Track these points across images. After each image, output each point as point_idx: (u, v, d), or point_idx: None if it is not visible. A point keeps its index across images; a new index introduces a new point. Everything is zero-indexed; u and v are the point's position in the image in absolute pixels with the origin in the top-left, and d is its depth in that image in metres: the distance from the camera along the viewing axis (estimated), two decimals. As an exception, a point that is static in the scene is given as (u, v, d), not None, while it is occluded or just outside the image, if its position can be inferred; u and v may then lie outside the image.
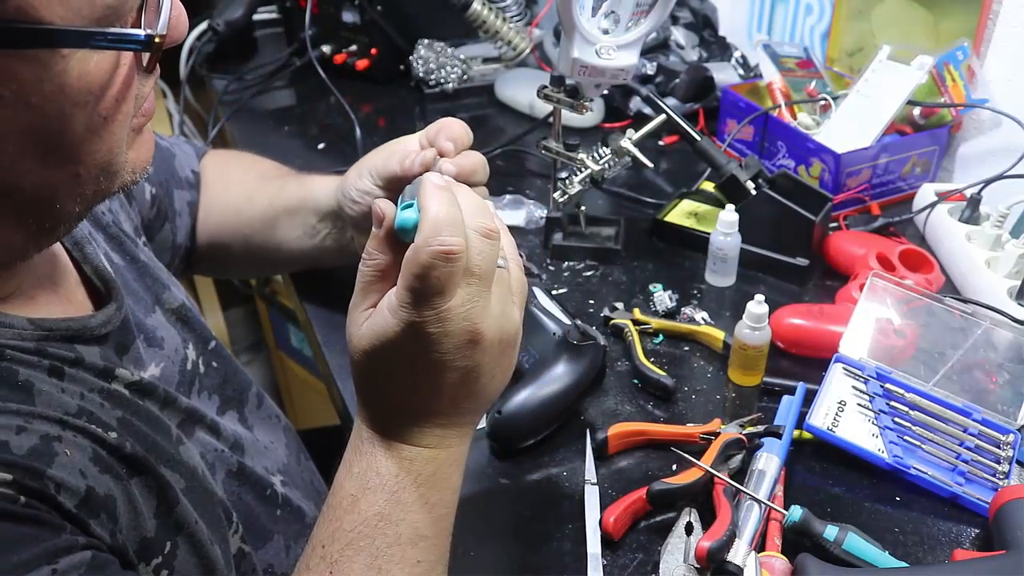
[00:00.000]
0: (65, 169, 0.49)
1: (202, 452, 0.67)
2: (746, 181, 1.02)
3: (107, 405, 0.56)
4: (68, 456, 0.49)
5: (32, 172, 0.48)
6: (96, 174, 0.51)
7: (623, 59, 0.92)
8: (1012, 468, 0.75)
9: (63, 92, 0.46)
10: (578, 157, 1.03)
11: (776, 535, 0.70)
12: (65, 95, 0.46)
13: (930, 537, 0.72)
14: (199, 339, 0.75)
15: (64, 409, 0.52)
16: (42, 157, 0.47)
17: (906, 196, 1.18)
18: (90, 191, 0.52)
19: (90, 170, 0.50)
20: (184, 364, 0.71)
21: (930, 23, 1.20)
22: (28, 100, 0.45)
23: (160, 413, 0.62)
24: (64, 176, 0.49)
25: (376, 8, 1.47)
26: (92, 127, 0.49)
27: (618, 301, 0.98)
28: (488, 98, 1.50)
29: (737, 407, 0.85)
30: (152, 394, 0.62)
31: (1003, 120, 1.11)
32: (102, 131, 0.49)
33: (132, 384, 0.60)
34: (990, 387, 0.81)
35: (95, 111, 0.48)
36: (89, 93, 0.47)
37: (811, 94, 1.25)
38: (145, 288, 0.71)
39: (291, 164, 1.29)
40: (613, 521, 0.70)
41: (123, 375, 0.59)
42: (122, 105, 0.50)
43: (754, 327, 0.84)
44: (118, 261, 0.70)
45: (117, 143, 0.52)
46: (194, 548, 0.58)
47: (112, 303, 0.62)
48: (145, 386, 0.61)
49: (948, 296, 0.87)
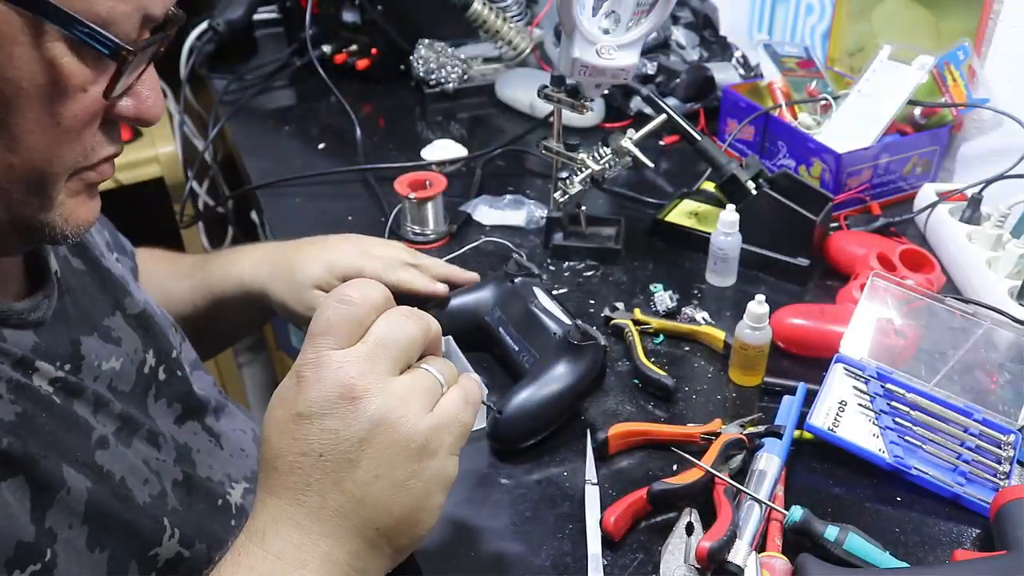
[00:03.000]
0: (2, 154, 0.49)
1: (144, 460, 0.64)
2: (747, 181, 1.02)
3: (8, 398, 0.54)
4: None
5: None
6: (27, 180, 0.50)
7: (624, 59, 0.92)
8: (1013, 468, 0.75)
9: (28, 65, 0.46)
10: (579, 157, 1.03)
11: (777, 535, 0.70)
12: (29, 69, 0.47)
13: (931, 537, 0.72)
14: (160, 347, 0.73)
15: None
16: None
17: (907, 196, 1.18)
18: (16, 198, 0.51)
19: (23, 170, 0.49)
20: (142, 367, 0.69)
21: (931, 23, 1.20)
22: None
23: (89, 416, 0.60)
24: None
25: (376, 8, 1.47)
26: (42, 125, 0.49)
27: (618, 301, 0.98)
28: (488, 98, 1.50)
29: (738, 407, 0.85)
30: (80, 395, 0.60)
31: (1004, 120, 1.11)
32: (50, 136, 0.49)
33: (56, 381, 0.58)
34: (991, 387, 0.81)
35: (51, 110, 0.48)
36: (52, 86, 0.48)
37: (812, 94, 1.25)
38: (105, 291, 0.69)
39: (291, 164, 1.30)
40: (614, 521, 0.70)
41: (46, 369, 0.57)
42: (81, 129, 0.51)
43: (755, 327, 0.84)
44: (77, 266, 0.68)
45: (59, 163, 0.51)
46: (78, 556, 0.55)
47: (40, 292, 0.60)
48: (72, 386, 0.59)
49: (949, 296, 0.87)
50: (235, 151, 1.41)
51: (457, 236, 1.11)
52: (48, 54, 0.47)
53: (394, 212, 1.13)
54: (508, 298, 0.89)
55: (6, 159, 0.49)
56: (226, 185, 1.64)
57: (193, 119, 1.74)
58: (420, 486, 0.50)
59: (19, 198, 0.51)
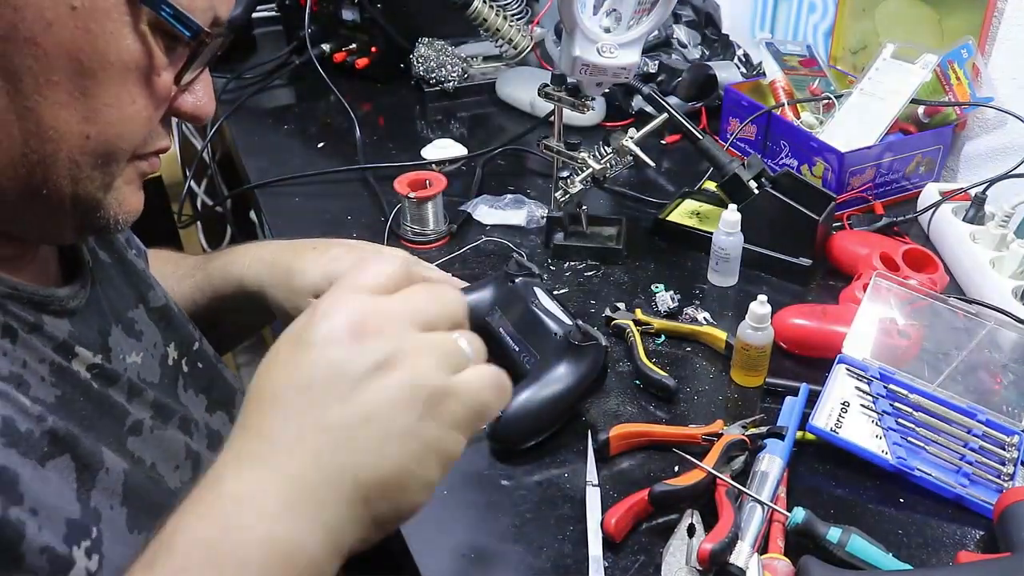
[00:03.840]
0: (81, 124, 0.50)
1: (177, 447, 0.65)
2: (749, 180, 1.02)
3: (50, 379, 0.55)
4: None
5: (57, 107, 0.49)
6: (97, 154, 0.52)
7: (625, 57, 0.92)
8: (1017, 470, 0.75)
9: (118, 40, 0.49)
10: (579, 156, 1.02)
11: (779, 537, 0.69)
12: (118, 45, 0.49)
13: (934, 539, 0.71)
14: (182, 339, 0.74)
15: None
16: (72, 94, 0.49)
17: (910, 195, 1.17)
18: (84, 173, 0.52)
19: (96, 143, 0.52)
20: (165, 360, 0.70)
21: (934, 21, 1.20)
22: (90, 24, 0.48)
23: (124, 402, 0.61)
24: (76, 130, 0.51)
25: (376, 6, 1.46)
26: (120, 100, 0.51)
27: (620, 301, 0.98)
28: (489, 97, 1.50)
29: (739, 408, 0.84)
30: (116, 382, 0.61)
31: (1008, 119, 1.11)
32: (126, 109, 0.52)
33: (93, 367, 0.59)
34: (995, 388, 0.80)
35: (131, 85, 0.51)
36: (136, 61, 0.50)
37: (814, 93, 1.25)
38: (130, 284, 0.71)
39: (290, 163, 1.29)
40: (615, 523, 0.69)
41: (84, 355, 0.58)
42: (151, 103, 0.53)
43: (757, 327, 0.83)
44: (103, 258, 0.70)
45: (129, 137, 0.53)
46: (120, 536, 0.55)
47: (77, 281, 0.62)
48: (108, 372, 0.60)
49: (952, 296, 0.86)
50: (234, 150, 1.40)
51: (457, 236, 1.11)
52: (137, 32, 0.50)
53: (394, 212, 1.13)
54: (508, 298, 0.89)
55: (83, 129, 0.51)
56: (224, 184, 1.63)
57: (193, 118, 1.73)
58: (416, 447, 0.43)
59: (86, 173, 0.53)
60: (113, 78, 0.50)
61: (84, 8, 0.47)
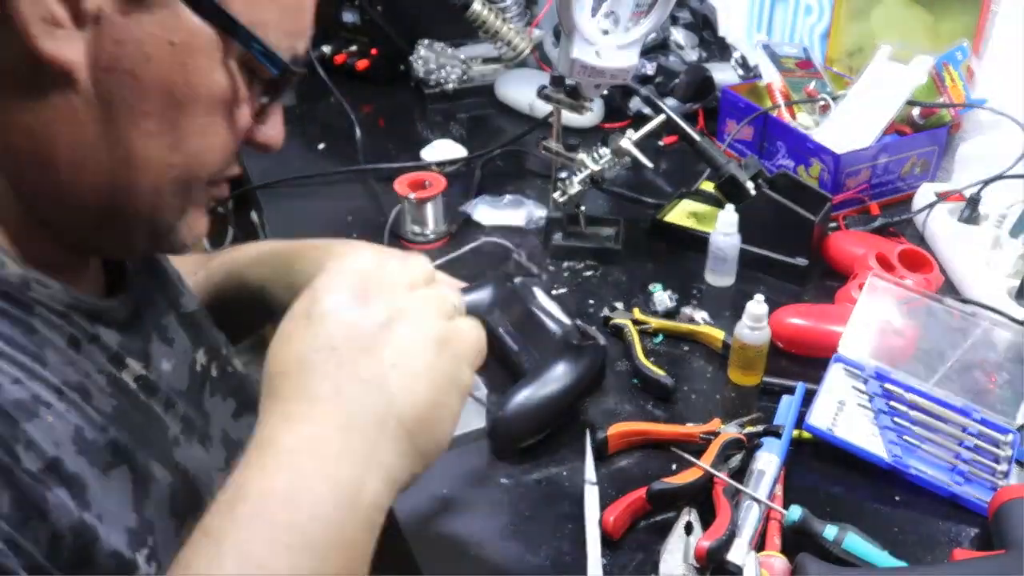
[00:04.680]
0: (168, 154, 0.51)
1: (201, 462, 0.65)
2: (746, 181, 1.02)
3: (109, 391, 0.56)
4: (49, 423, 0.48)
5: (147, 137, 0.50)
6: (178, 183, 0.53)
7: (623, 59, 0.92)
8: (1011, 468, 0.75)
9: (208, 75, 0.50)
10: (578, 157, 1.03)
11: (776, 535, 0.70)
12: (208, 79, 0.50)
13: (929, 537, 0.72)
14: (211, 345, 0.75)
15: (65, 379, 0.51)
16: (161, 124, 0.50)
17: (905, 196, 1.18)
18: (165, 201, 0.53)
19: (180, 172, 0.53)
20: (193, 366, 0.70)
21: (929, 23, 1.20)
22: (186, 60, 0.49)
23: (163, 415, 0.62)
24: (162, 158, 0.51)
25: (376, 8, 1.47)
26: (206, 129, 0.52)
27: (618, 301, 0.98)
28: (488, 98, 1.50)
29: (737, 407, 0.85)
30: (156, 394, 0.62)
31: (1002, 120, 1.11)
32: (209, 139, 0.53)
33: (140, 378, 0.60)
34: (989, 387, 0.81)
35: (216, 116, 0.52)
36: (223, 94, 0.51)
37: (811, 94, 1.25)
38: (161, 290, 0.71)
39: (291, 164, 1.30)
40: (613, 521, 0.70)
41: (133, 366, 0.59)
42: (233, 133, 0.54)
43: (754, 327, 0.84)
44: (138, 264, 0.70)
45: (210, 166, 0.54)
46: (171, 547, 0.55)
47: (123, 291, 0.63)
48: (152, 383, 0.61)
49: (947, 296, 0.87)
50: (235, 151, 1.41)
51: (457, 236, 1.11)
52: (227, 68, 0.51)
53: (394, 212, 1.13)
54: (507, 298, 0.89)
55: (169, 158, 0.52)
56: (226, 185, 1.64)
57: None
58: (439, 380, 0.49)
59: (166, 200, 0.54)
60: (201, 110, 0.51)
61: (182, 44, 0.49)
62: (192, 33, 0.49)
